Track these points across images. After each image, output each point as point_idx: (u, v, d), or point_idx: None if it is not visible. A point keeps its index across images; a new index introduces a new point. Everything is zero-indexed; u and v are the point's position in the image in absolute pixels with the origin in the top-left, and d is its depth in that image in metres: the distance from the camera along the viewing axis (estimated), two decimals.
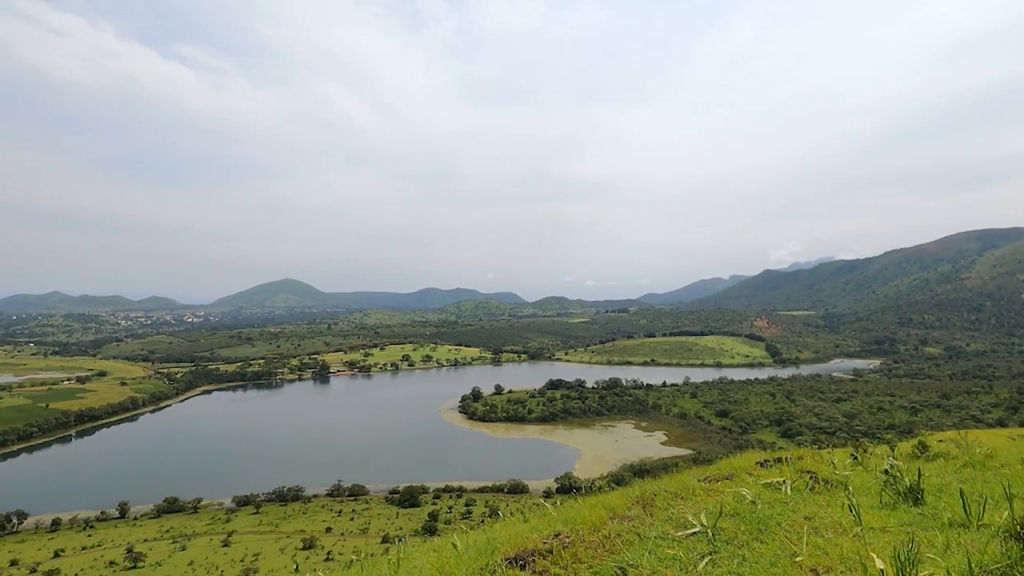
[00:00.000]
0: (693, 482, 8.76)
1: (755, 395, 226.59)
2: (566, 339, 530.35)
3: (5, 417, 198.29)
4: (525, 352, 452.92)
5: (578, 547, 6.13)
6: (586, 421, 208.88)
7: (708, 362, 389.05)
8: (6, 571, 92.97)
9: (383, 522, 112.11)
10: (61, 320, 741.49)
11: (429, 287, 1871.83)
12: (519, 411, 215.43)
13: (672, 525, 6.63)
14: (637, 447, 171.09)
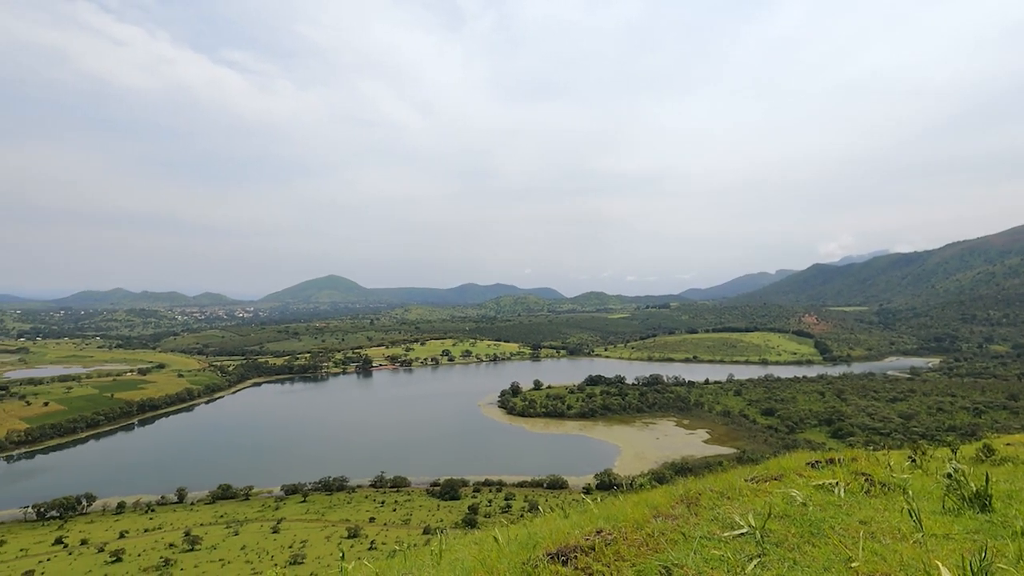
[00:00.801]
0: (739, 482, 8.51)
1: (803, 393, 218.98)
2: (605, 335, 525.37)
3: (76, 406, 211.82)
4: (564, 348, 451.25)
5: (621, 544, 6.06)
6: (626, 418, 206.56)
7: (753, 359, 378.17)
8: (77, 549, 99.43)
9: (424, 514, 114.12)
10: (124, 315, 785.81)
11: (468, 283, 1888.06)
12: (558, 407, 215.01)
13: (718, 525, 6.47)
14: (679, 445, 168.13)
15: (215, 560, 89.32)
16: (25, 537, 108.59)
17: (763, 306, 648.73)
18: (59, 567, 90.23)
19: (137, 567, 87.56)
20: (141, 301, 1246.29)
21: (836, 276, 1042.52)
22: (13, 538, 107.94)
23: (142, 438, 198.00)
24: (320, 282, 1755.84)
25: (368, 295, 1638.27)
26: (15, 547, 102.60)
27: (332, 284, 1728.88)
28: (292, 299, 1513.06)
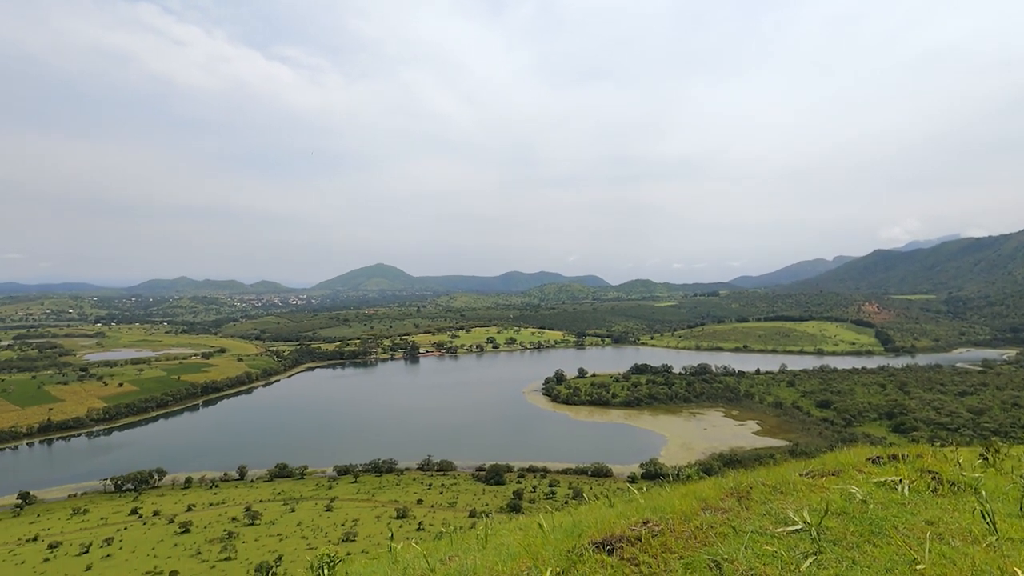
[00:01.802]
0: (793, 476, 8.18)
1: (862, 385, 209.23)
2: (651, 323, 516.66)
3: (147, 387, 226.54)
4: (609, 336, 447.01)
5: (668, 536, 5.96)
6: (672, 407, 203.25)
7: (808, 349, 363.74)
8: (150, 520, 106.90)
9: (470, 497, 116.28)
10: (188, 302, 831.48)
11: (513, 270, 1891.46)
12: (603, 395, 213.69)
13: (771, 520, 6.25)
14: (727, 436, 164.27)
15: (273, 535, 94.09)
16: (105, 507, 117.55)
17: (819, 294, 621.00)
18: (135, 535, 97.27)
19: (203, 538, 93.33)
20: (203, 289, 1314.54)
21: (900, 262, 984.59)
22: (95, 507, 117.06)
23: (206, 418, 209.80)
24: (369, 270, 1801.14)
25: (415, 283, 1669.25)
26: (96, 516, 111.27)
27: (380, 272, 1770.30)
28: (342, 287, 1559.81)
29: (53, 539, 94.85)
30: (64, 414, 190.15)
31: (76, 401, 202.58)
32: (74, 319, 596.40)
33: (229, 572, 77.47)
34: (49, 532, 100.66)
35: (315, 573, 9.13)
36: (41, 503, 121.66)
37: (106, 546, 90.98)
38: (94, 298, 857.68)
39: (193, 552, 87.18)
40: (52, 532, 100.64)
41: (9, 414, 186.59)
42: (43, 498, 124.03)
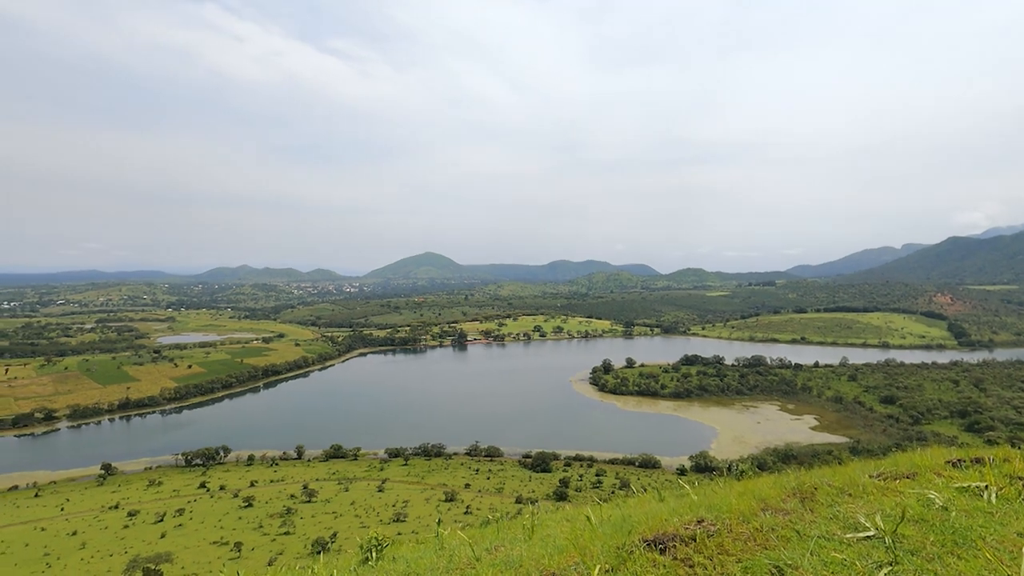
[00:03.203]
0: (863, 477, 7.59)
1: (932, 381, 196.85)
2: (703, 313, 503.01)
3: (213, 369, 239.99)
4: (658, 326, 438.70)
5: (724, 537, 5.63)
6: (724, 399, 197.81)
7: (872, 342, 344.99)
8: (217, 493, 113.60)
9: (516, 483, 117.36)
10: (249, 289, 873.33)
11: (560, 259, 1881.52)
12: (651, 385, 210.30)
13: (838, 525, 5.80)
14: (782, 430, 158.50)
15: (329, 512, 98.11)
16: (176, 479, 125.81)
17: (885, 284, 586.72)
18: (203, 507, 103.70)
19: (265, 512, 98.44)
20: (263, 276, 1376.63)
21: (978, 250, 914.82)
22: (168, 480, 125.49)
23: (266, 399, 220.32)
24: (418, 259, 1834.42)
25: (463, 271, 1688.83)
26: (169, 488, 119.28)
27: (429, 261, 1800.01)
28: (393, 275, 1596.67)
29: (132, 508, 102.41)
30: (140, 393, 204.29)
31: (150, 381, 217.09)
32: (148, 304, 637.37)
33: (288, 546, 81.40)
34: (128, 501, 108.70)
35: (365, 554, 9.32)
36: (121, 474, 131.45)
37: (178, 516, 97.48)
38: (165, 285, 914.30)
39: (256, 525, 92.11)
40: (131, 501, 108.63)
41: (93, 392, 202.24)
42: (123, 470, 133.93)
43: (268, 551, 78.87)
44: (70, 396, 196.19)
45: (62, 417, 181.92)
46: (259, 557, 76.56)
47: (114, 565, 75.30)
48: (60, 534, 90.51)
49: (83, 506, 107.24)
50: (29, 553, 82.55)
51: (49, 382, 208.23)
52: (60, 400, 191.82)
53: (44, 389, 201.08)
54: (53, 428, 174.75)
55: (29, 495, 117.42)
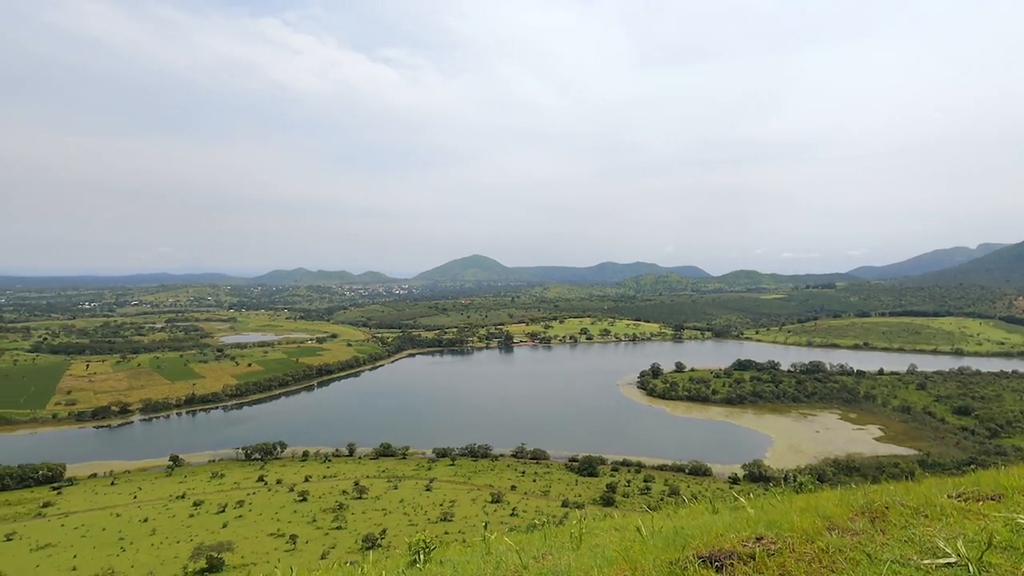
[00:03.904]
0: (940, 497, 6.99)
1: (1012, 391, 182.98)
2: (756, 316, 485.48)
3: (271, 367, 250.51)
4: (709, 329, 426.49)
5: (787, 557, 5.30)
6: (779, 407, 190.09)
7: (943, 348, 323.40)
8: (274, 487, 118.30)
9: (563, 487, 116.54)
10: (305, 291, 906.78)
11: (607, 261, 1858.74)
12: (702, 391, 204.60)
13: (914, 549, 5.34)
14: (843, 440, 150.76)
15: (378, 509, 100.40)
16: (237, 472, 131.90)
17: (958, 287, 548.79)
18: (261, 500, 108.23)
19: (318, 507, 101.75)
20: (318, 279, 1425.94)
21: None
22: (229, 472, 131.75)
23: (320, 397, 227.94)
24: (465, 261, 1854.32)
25: (509, 273, 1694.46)
26: (230, 480, 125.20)
27: (476, 263, 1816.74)
28: (441, 277, 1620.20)
29: (197, 498, 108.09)
30: (204, 389, 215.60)
31: (214, 378, 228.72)
32: (211, 305, 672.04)
33: (340, 540, 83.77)
34: (193, 491, 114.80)
35: (413, 556, 9.40)
36: (187, 466, 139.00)
37: (238, 507, 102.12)
38: (228, 287, 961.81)
39: (309, 519, 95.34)
40: (196, 491, 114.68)
41: (162, 387, 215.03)
42: (189, 461, 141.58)
43: (321, 544, 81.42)
44: (142, 391, 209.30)
45: (135, 411, 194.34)
46: (313, 550, 79.16)
47: (181, 552, 79.60)
48: (133, 520, 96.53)
49: (153, 495, 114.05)
50: (106, 537, 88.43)
51: (124, 377, 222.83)
52: (134, 395, 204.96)
53: (120, 384, 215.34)
54: (127, 421, 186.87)
55: (106, 483, 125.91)
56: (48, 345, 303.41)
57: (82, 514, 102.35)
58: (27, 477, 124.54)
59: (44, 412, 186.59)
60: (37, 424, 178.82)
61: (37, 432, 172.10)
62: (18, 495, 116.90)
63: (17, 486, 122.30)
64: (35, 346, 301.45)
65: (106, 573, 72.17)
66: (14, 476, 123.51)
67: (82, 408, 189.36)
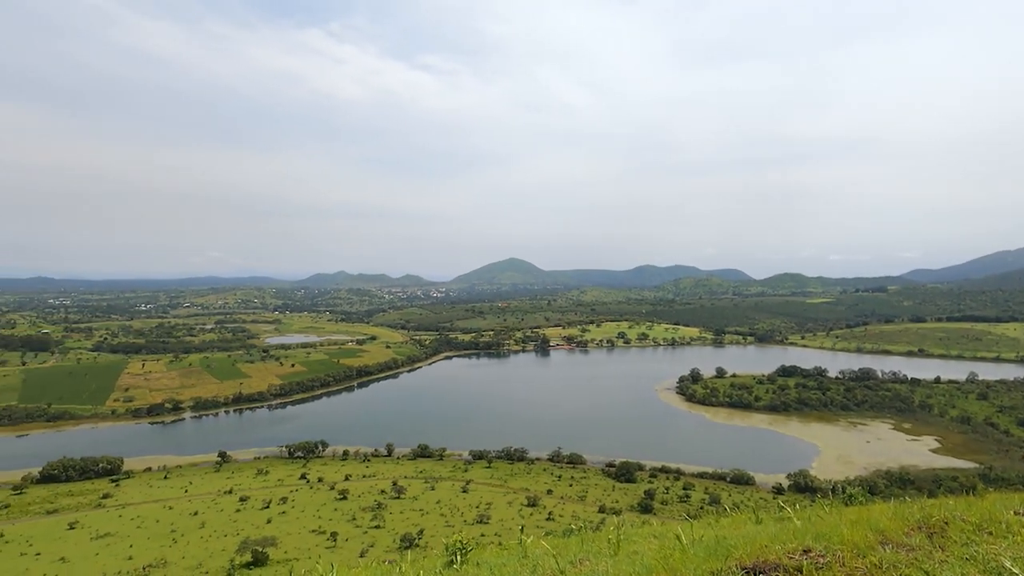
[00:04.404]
0: (1006, 513, 6.56)
1: None
2: (802, 321, 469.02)
3: (313, 368, 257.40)
4: (751, 334, 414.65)
5: (836, 571, 5.07)
6: (826, 415, 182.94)
7: (1007, 356, 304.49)
8: (316, 485, 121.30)
9: (599, 492, 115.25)
10: (345, 294, 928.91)
11: (645, 264, 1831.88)
12: (744, 397, 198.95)
13: (976, 568, 5.02)
14: (896, 451, 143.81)
15: (416, 509, 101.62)
16: (281, 470, 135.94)
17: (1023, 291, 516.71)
18: (304, 497, 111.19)
19: (358, 506, 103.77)
20: (358, 282, 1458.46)
21: None
22: (273, 469, 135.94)
23: (359, 398, 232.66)
24: (502, 264, 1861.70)
25: (545, 277, 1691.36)
26: (274, 477, 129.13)
27: (512, 266, 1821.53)
28: (477, 280, 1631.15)
29: (243, 493, 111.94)
30: (251, 388, 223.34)
31: (259, 378, 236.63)
32: (257, 308, 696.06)
33: (378, 539, 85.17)
34: (240, 487, 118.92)
35: (450, 556, 9.46)
36: (234, 462, 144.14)
37: (282, 504, 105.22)
38: (273, 290, 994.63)
39: (349, 517, 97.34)
40: (242, 487, 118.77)
41: (212, 386, 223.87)
42: (236, 458, 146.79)
43: (360, 543, 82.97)
44: (193, 389, 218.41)
45: (186, 408, 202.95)
46: (352, 547, 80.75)
47: (228, 545, 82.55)
48: (184, 513, 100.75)
49: (203, 489, 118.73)
50: (159, 528, 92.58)
51: (176, 376, 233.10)
52: (185, 393, 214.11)
53: (172, 382, 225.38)
54: (179, 418, 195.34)
55: (159, 476, 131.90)
56: (108, 345, 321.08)
57: (138, 506, 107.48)
58: (88, 469, 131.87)
59: (104, 408, 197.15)
60: (98, 419, 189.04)
61: (98, 427, 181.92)
62: (80, 486, 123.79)
63: (80, 478, 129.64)
64: (96, 345, 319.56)
65: (159, 563, 75.47)
66: (77, 468, 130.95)
67: (138, 405, 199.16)
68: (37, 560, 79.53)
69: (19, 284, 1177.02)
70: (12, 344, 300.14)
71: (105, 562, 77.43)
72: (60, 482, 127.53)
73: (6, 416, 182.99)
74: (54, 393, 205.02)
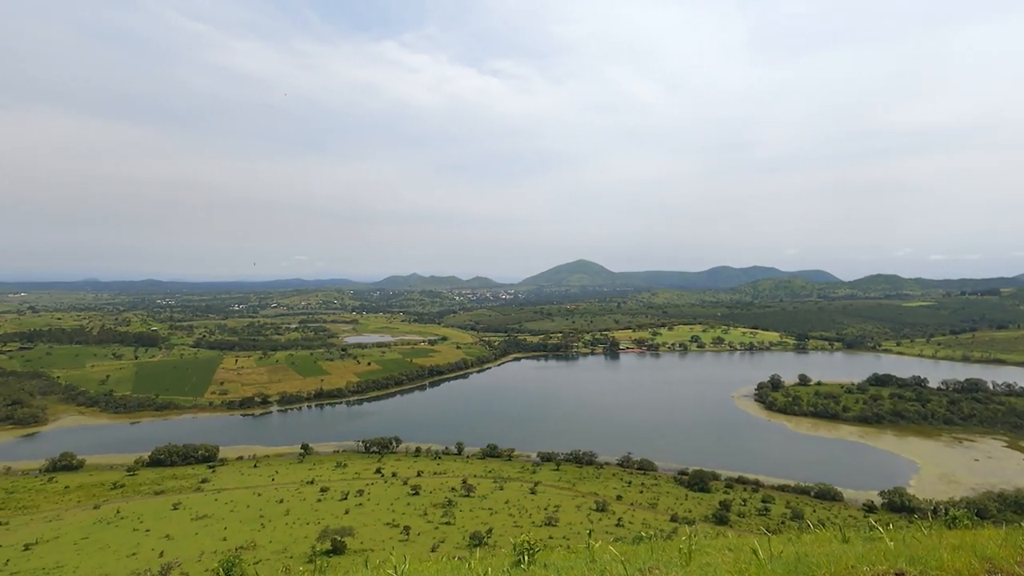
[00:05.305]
0: None
1: None
2: (898, 326, 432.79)
3: (387, 367, 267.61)
4: (839, 339, 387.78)
5: None
6: (926, 429, 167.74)
7: None
8: (389, 479, 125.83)
9: (671, 500, 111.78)
10: (418, 295, 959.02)
11: (720, 265, 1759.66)
12: (830, 407, 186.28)
13: None
14: (1010, 472, 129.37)
15: (485, 508, 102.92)
16: (357, 463, 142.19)
17: None
18: (378, 490, 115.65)
19: (429, 502, 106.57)
20: (429, 284, 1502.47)
21: None
22: (351, 463, 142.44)
23: (431, 397, 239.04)
24: (570, 266, 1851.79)
25: (615, 279, 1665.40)
26: (352, 470, 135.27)
27: (581, 268, 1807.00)
28: (546, 282, 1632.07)
29: (323, 484, 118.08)
30: (330, 385, 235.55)
31: (338, 375, 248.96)
32: (337, 308, 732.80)
33: (448, 535, 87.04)
34: (320, 478, 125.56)
35: (518, 556, 9.55)
36: (315, 454, 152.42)
37: (358, 496, 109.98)
38: (351, 292, 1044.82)
39: (421, 512, 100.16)
40: (322, 478, 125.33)
41: (296, 382, 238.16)
42: (317, 450, 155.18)
43: (431, 538, 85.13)
44: (279, 385, 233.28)
45: (273, 402, 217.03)
46: (424, 542, 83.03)
47: (310, 532, 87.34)
48: (271, 500, 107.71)
49: (288, 478, 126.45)
50: (249, 513, 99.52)
51: (265, 372, 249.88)
52: (272, 387, 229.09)
53: (261, 377, 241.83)
54: (267, 411, 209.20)
55: (249, 465, 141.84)
56: (206, 342, 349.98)
57: (231, 491, 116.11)
58: (189, 456, 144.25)
59: (203, 400, 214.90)
60: (197, 410, 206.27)
61: (197, 417, 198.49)
62: (183, 471, 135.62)
63: (182, 463, 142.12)
64: (196, 342, 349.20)
65: (249, 545, 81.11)
66: (180, 454, 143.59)
67: (231, 398, 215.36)
68: (147, 536, 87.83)
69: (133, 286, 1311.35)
70: (127, 340, 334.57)
71: (203, 541, 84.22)
72: (165, 466, 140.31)
73: (122, 405, 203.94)
74: (161, 385, 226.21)
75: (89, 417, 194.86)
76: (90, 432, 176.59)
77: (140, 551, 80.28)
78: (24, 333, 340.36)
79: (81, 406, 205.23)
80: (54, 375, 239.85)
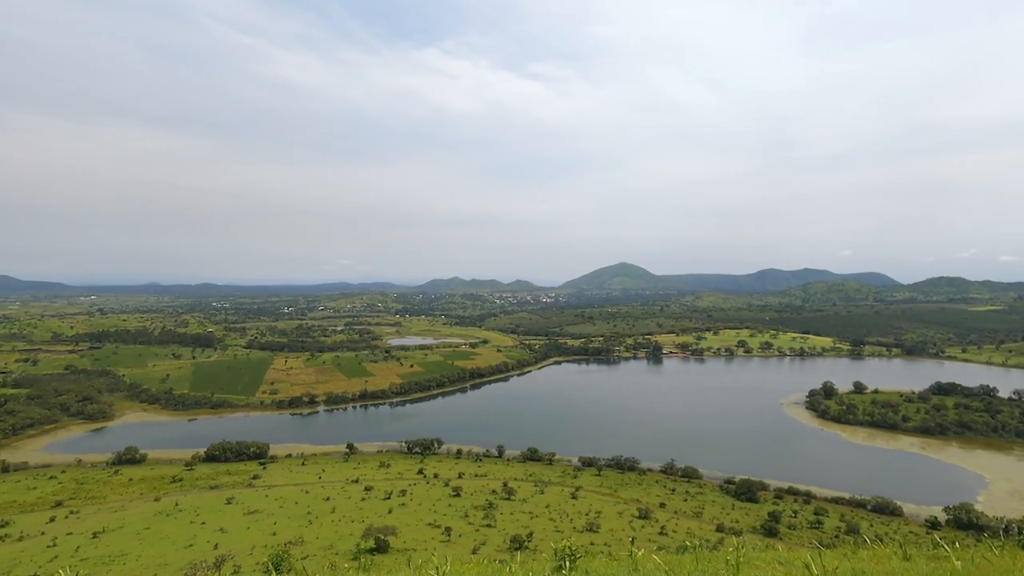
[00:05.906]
0: None
1: None
2: (963, 332, 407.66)
3: (429, 369, 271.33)
4: (897, 345, 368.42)
5: None
6: (995, 441, 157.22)
7: None
8: (431, 480, 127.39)
9: (717, 510, 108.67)
10: (459, 299, 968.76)
11: (768, 268, 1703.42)
12: (888, 416, 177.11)
13: None
14: None
15: (525, 512, 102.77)
16: (400, 463, 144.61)
17: None
18: (421, 491, 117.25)
19: (470, 504, 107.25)
20: (471, 287, 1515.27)
21: None
22: (394, 463, 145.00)
23: (472, 399, 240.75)
24: (612, 269, 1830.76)
25: (657, 282, 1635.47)
26: (395, 470, 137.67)
27: (623, 271, 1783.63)
28: (587, 285, 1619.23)
29: (368, 483, 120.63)
30: (374, 386, 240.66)
31: (382, 377, 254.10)
32: (381, 311, 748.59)
33: (489, 537, 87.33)
34: (365, 477, 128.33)
35: (559, 561, 9.48)
36: (360, 454, 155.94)
37: (401, 496, 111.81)
38: (394, 295, 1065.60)
39: (462, 514, 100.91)
40: (367, 478, 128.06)
41: (341, 383, 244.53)
42: (361, 450, 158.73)
43: (472, 539, 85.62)
44: (326, 385, 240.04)
45: (320, 402, 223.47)
46: (465, 543, 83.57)
47: (355, 530, 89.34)
48: (318, 498, 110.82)
49: (334, 477, 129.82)
50: (297, 510, 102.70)
51: (312, 372, 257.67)
52: (319, 388, 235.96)
53: (309, 378, 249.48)
54: (315, 410, 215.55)
55: (297, 463, 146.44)
56: (258, 343, 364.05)
57: (280, 488, 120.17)
58: (242, 452, 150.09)
59: (255, 399, 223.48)
60: (249, 408, 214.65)
61: (249, 415, 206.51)
62: (236, 467, 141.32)
63: (235, 459, 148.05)
64: (249, 343, 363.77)
65: (297, 540, 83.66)
66: (233, 451, 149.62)
67: (281, 397, 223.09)
68: (203, 528, 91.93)
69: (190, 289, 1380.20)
70: (185, 340, 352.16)
71: (255, 536, 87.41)
72: (220, 462, 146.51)
73: (181, 403, 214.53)
74: (216, 384, 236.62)
75: (151, 414, 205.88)
76: (151, 428, 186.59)
77: (196, 543, 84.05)
78: (93, 334, 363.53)
79: (144, 403, 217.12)
80: (120, 373, 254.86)
